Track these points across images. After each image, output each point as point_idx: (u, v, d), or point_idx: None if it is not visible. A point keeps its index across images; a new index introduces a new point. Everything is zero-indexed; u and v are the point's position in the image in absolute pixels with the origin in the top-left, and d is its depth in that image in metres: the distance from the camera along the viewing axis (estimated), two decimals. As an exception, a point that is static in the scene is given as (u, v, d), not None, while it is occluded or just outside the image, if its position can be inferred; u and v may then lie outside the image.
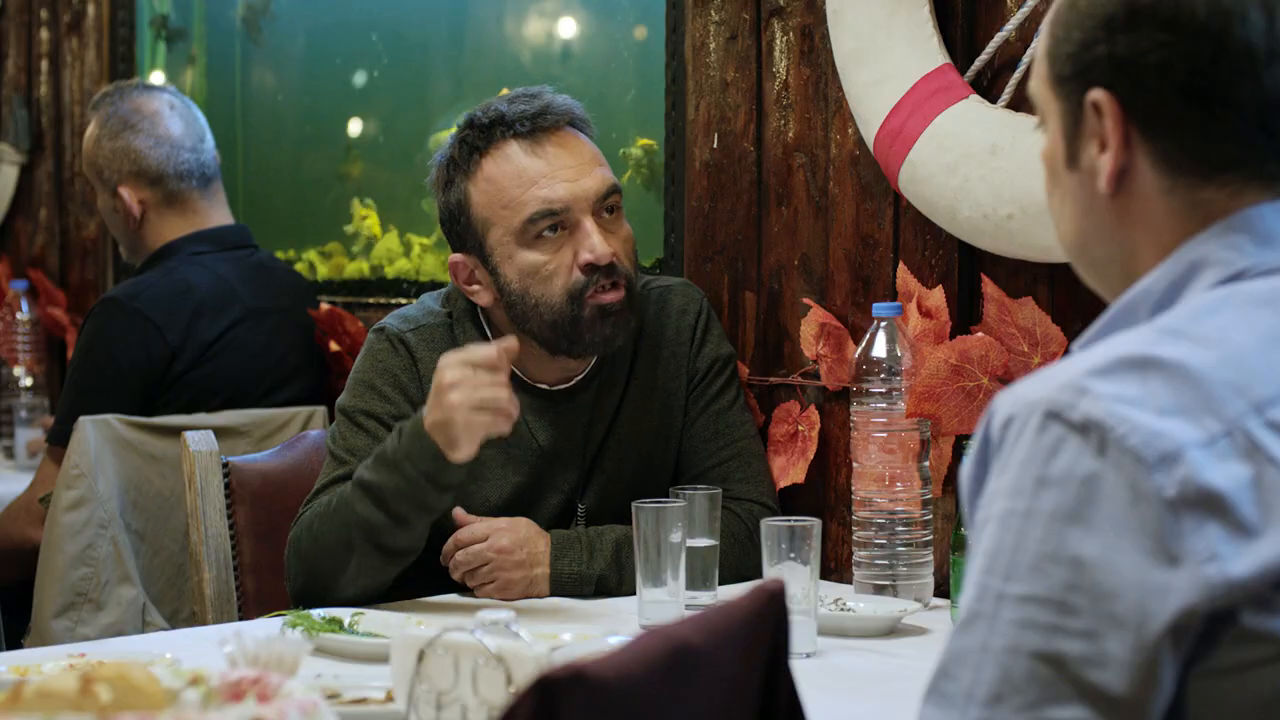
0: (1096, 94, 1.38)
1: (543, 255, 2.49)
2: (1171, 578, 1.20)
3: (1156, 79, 1.36)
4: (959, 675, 1.24)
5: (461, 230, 2.55)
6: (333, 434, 2.54)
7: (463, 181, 2.53)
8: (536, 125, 2.53)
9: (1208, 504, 1.21)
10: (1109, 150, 1.39)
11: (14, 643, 3.29)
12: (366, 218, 3.76)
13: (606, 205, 2.52)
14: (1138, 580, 1.20)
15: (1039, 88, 1.46)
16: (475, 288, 2.56)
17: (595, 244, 2.48)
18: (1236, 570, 1.20)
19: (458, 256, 2.56)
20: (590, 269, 2.48)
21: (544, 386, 2.57)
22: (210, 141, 3.49)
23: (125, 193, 3.43)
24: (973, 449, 1.33)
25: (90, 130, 3.50)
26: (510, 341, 2.31)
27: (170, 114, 3.46)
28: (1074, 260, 1.50)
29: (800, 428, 2.73)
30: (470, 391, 2.25)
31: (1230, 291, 1.33)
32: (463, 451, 2.28)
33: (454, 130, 2.58)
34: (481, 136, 2.53)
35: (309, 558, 2.41)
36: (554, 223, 2.49)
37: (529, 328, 2.51)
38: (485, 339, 2.55)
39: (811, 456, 2.70)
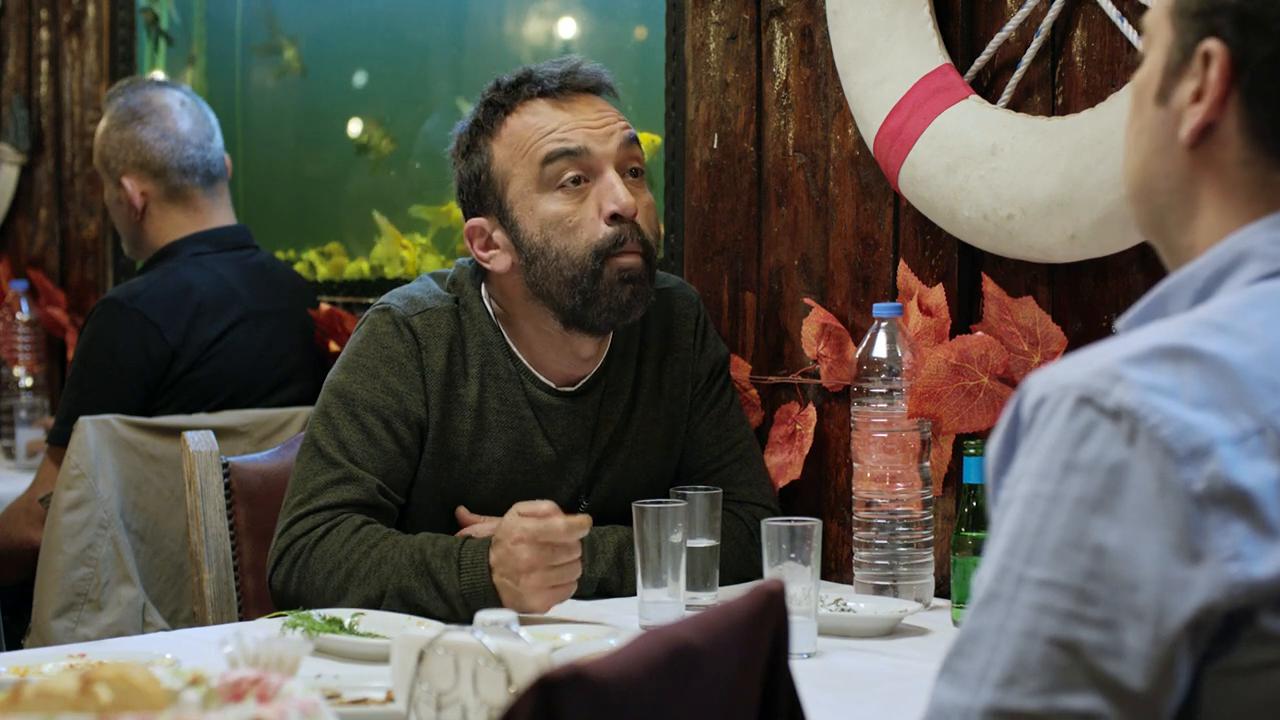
0: (1211, 44, 1.36)
1: (565, 205, 2.44)
2: (1193, 574, 1.19)
3: (1275, 48, 1.34)
4: (974, 654, 1.24)
5: (481, 189, 2.49)
6: (324, 417, 2.44)
7: (487, 143, 2.48)
8: (565, 83, 2.49)
9: (1235, 502, 1.20)
10: (1203, 102, 1.37)
11: (14, 643, 3.29)
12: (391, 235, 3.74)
13: (630, 167, 2.48)
14: (1159, 574, 1.20)
15: (1156, 13, 1.43)
16: (492, 253, 2.49)
17: (620, 194, 2.43)
18: (1259, 571, 1.19)
19: (474, 221, 2.50)
20: (616, 220, 2.43)
21: (551, 384, 2.54)
22: (218, 142, 3.50)
23: (128, 183, 3.44)
24: (1001, 427, 1.31)
25: (101, 122, 3.52)
26: (582, 518, 2.27)
27: (180, 109, 3.48)
28: (1132, 197, 1.47)
29: (798, 426, 2.73)
30: (545, 573, 2.24)
31: (1272, 288, 1.32)
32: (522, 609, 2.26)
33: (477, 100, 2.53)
34: (508, 95, 2.49)
35: (317, 595, 2.36)
36: (575, 169, 2.44)
37: (547, 287, 2.45)
38: (493, 329, 2.50)
39: (807, 451, 2.70)
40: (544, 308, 2.48)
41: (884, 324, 2.47)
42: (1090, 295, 2.44)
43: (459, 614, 2.29)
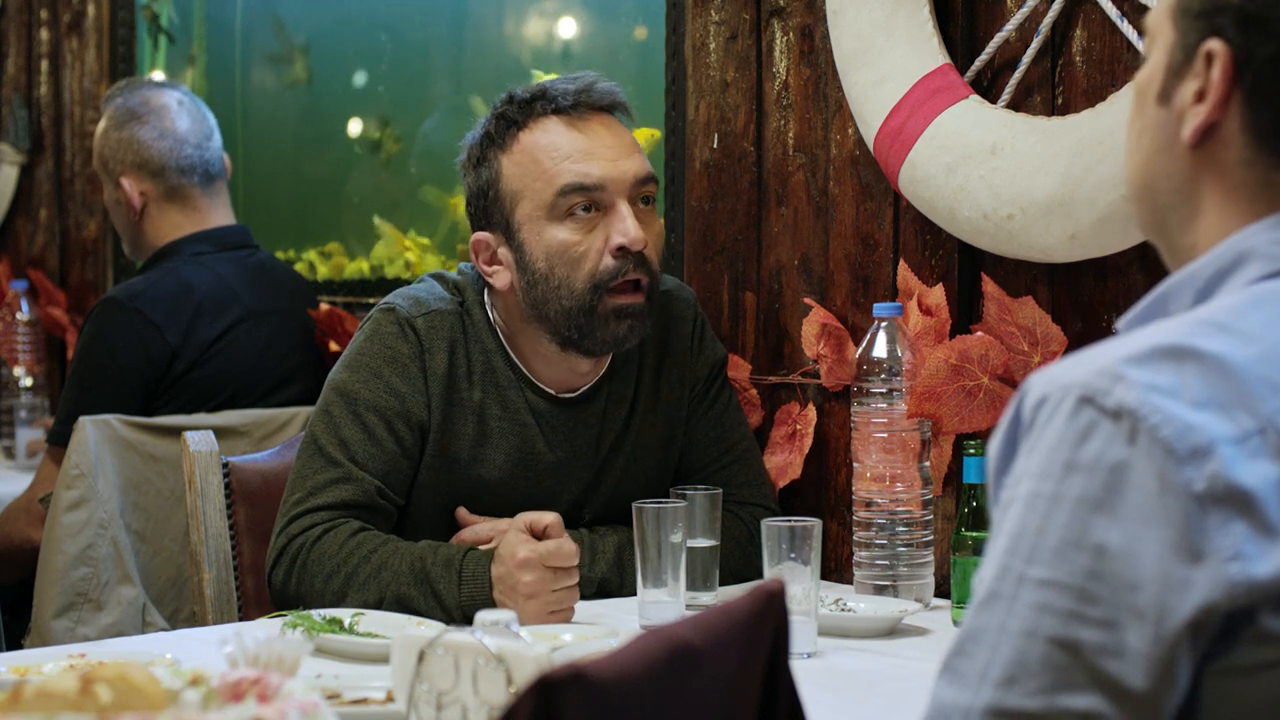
0: (1214, 44, 1.36)
1: (573, 235, 2.42)
2: (1193, 573, 1.19)
3: (1277, 48, 1.34)
4: (975, 654, 1.24)
5: (489, 205, 2.47)
6: (325, 415, 2.44)
7: (496, 156, 2.46)
8: (579, 101, 2.47)
9: (1235, 501, 1.20)
10: (1206, 103, 1.37)
11: (14, 643, 3.29)
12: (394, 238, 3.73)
13: (643, 195, 2.46)
14: (1160, 573, 1.20)
15: (1159, 13, 1.42)
16: (495, 268, 2.48)
17: (629, 227, 2.41)
18: (1260, 571, 1.19)
19: (481, 235, 2.49)
20: (622, 253, 2.42)
21: (551, 392, 2.53)
22: (217, 141, 3.50)
23: (127, 184, 3.44)
24: (1001, 427, 1.31)
25: (100, 123, 3.52)
26: (572, 545, 2.28)
27: (178, 109, 3.47)
28: (1134, 197, 1.47)
29: (798, 426, 2.73)
30: (547, 598, 2.24)
31: (1273, 287, 1.32)
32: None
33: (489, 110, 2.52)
34: (521, 111, 2.47)
35: (317, 598, 2.36)
36: (587, 201, 2.42)
37: (545, 311, 2.44)
38: (495, 337, 2.51)
39: (807, 451, 2.70)
40: (541, 329, 2.48)
41: (884, 324, 2.47)
42: (1090, 295, 2.44)
43: (457, 624, 2.28)
